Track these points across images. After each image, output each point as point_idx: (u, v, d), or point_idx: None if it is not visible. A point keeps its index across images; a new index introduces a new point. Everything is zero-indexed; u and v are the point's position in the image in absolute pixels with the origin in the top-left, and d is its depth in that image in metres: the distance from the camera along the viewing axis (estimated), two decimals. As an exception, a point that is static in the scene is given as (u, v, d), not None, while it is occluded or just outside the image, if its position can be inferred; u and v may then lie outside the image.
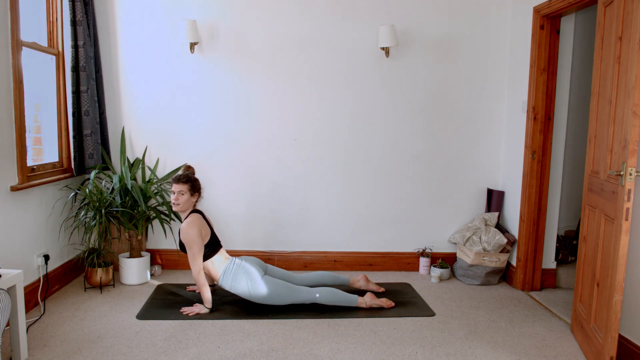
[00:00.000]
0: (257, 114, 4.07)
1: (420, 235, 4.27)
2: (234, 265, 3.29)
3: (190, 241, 3.20)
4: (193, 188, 3.32)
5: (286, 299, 3.24)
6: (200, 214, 3.34)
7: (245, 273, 3.25)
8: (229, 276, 3.26)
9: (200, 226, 3.24)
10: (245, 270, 3.26)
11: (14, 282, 2.49)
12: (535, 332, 3.07)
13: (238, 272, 3.26)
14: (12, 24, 3.01)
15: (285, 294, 3.24)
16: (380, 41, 3.92)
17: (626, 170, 2.33)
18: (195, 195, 3.35)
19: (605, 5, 2.71)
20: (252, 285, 3.22)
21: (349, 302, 3.31)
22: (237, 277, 3.25)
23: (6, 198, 3.00)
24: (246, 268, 3.27)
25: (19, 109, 3.07)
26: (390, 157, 4.16)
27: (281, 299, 3.24)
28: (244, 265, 3.29)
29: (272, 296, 3.22)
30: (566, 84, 3.71)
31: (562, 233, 4.33)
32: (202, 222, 3.29)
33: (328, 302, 3.29)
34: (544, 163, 3.72)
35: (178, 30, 3.92)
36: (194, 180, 3.34)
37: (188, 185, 3.29)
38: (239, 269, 3.27)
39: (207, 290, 3.21)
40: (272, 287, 3.22)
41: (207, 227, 3.32)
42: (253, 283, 3.22)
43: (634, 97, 2.28)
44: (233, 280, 3.25)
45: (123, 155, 3.99)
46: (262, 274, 3.28)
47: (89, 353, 2.67)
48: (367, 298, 3.35)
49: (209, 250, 3.29)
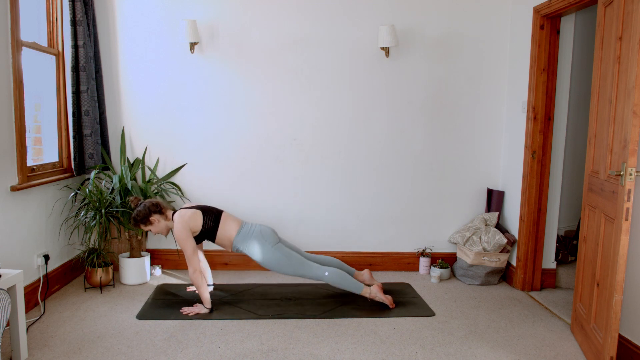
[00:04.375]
0: (257, 114, 4.07)
1: (420, 235, 4.27)
2: (249, 228, 3.33)
3: (180, 242, 3.19)
4: (147, 218, 3.26)
5: (295, 270, 3.28)
6: (181, 210, 3.30)
7: (260, 236, 3.29)
8: (242, 238, 3.29)
9: (187, 223, 3.21)
10: (260, 233, 3.30)
11: (14, 282, 2.49)
12: (535, 332, 3.07)
13: (252, 234, 3.29)
14: (12, 24, 3.01)
15: (296, 264, 3.28)
16: (380, 41, 3.92)
17: (626, 170, 2.33)
18: (161, 215, 3.29)
19: (605, 5, 2.71)
20: (265, 249, 3.25)
21: (354, 289, 3.33)
22: (251, 239, 3.28)
23: (6, 198, 3.00)
24: (261, 231, 3.31)
25: (19, 109, 3.07)
26: (390, 157, 4.16)
27: (291, 269, 3.27)
28: (259, 228, 3.33)
29: (283, 263, 3.26)
30: (566, 84, 3.71)
31: (562, 233, 4.34)
32: (188, 217, 3.24)
33: (334, 283, 3.31)
34: (544, 163, 3.72)
35: (178, 30, 3.92)
36: (143, 216, 3.26)
37: (145, 222, 3.27)
38: (253, 231, 3.30)
39: (205, 291, 3.21)
40: (284, 254, 3.27)
41: (194, 217, 3.26)
42: (266, 246, 3.25)
43: (634, 97, 2.28)
44: (246, 241, 3.27)
45: (123, 155, 3.99)
46: (276, 240, 3.33)
47: (89, 353, 2.67)
48: (373, 289, 3.37)
49: (211, 226, 3.28)
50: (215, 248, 4.16)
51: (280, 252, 3.28)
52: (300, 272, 3.29)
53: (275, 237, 3.36)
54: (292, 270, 3.29)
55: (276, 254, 3.27)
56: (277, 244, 3.32)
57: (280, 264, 3.27)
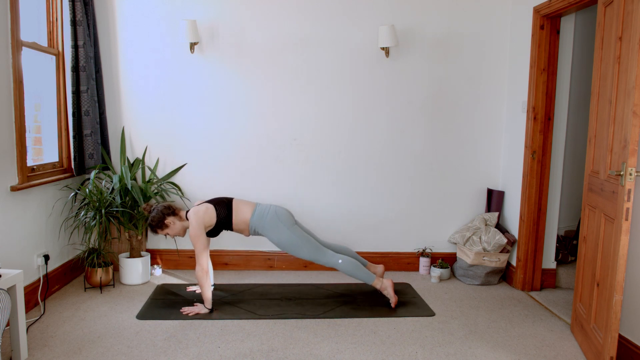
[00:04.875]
0: (257, 114, 4.07)
1: (420, 235, 4.27)
2: (263, 208, 3.33)
3: (193, 238, 3.20)
4: (163, 222, 3.28)
5: (310, 255, 3.29)
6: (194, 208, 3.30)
7: (275, 217, 3.29)
8: (257, 218, 3.29)
9: (202, 218, 3.22)
10: (276, 214, 3.30)
11: (14, 282, 2.49)
12: (535, 332, 3.07)
13: (268, 215, 3.29)
14: (12, 24, 3.01)
15: (311, 249, 3.29)
16: (380, 41, 3.92)
17: (626, 170, 2.33)
18: (175, 216, 3.31)
19: (605, 5, 2.71)
20: (281, 231, 3.26)
21: (366, 279, 3.34)
22: (267, 220, 3.28)
23: (6, 198, 3.00)
24: (276, 212, 3.32)
25: (19, 109, 3.07)
26: (390, 157, 4.16)
27: (306, 253, 3.28)
28: (274, 209, 3.34)
29: (298, 247, 3.27)
30: (566, 84, 3.71)
31: (562, 233, 4.34)
32: (202, 213, 3.24)
33: (347, 271, 3.32)
34: (544, 163, 3.72)
35: (178, 30, 3.92)
36: (158, 221, 3.28)
37: (161, 226, 3.28)
38: (268, 212, 3.31)
39: (208, 290, 3.21)
40: (299, 237, 3.27)
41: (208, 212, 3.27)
42: (282, 228, 3.26)
43: (634, 97, 2.28)
44: (262, 222, 3.28)
45: (123, 155, 3.99)
46: (292, 222, 3.33)
47: (89, 353, 2.67)
48: (386, 282, 3.38)
49: (225, 215, 3.29)
50: (216, 248, 4.16)
51: (296, 235, 3.28)
52: (315, 257, 3.30)
53: (291, 219, 3.36)
54: (307, 255, 3.29)
55: (292, 237, 3.27)
56: (294, 226, 3.32)
57: (296, 247, 3.27)
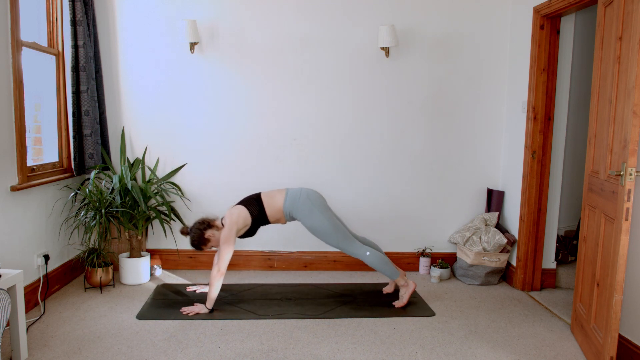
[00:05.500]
0: (257, 114, 4.07)
1: (420, 235, 4.27)
2: (295, 192, 3.33)
3: (223, 241, 3.19)
4: (203, 237, 3.28)
5: (339, 243, 3.29)
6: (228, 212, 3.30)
7: (308, 201, 3.29)
8: (291, 202, 3.29)
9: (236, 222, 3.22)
10: (308, 197, 3.30)
11: (14, 282, 2.49)
12: (535, 332, 3.07)
13: (300, 198, 3.29)
14: (12, 24, 3.01)
15: (340, 237, 3.29)
16: (380, 41, 3.92)
17: (626, 170, 2.33)
18: (212, 228, 3.30)
19: (605, 5, 2.71)
20: (314, 215, 3.26)
21: (391, 274, 3.36)
22: (300, 203, 3.28)
23: (6, 198, 3.00)
24: (308, 195, 3.32)
25: (19, 109, 3.07)
26: (390, 157, 4.16)
27: (335, 241, 3.29)
28: (305, 192, 3.34)
29: (328, 233, 3.27)
30: (566, 84, 3.71)
31: (562, 233, 4.33)
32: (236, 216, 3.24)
33: (373, 264, 3.33)
34: (544, 163, 3.72)
35: (178, 30, 3.92)
36: (198, 238, 3.29)
37: (204, 242, 3.29)
38: (300, 195, 3.31)
39: (216, 292, 3.19)
40: (331, 224, 3.28)
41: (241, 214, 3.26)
42: (315, 212, 3.27)
43: (634, 97, 2.28)
44: (296, 205, 3.28)
45: (123, 155, 3.99)
46: (325, 207, 3.33)
47: (89, 353, 2.67)
48: (411, 282, 3.39)
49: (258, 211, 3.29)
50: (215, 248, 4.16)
51: (328, 222, 3.27)
52: (343, 246, 3.30)
53: (324, 203, 3.36)
54: (335, 242, 3.29)
55: (324, 222, 3.27)
56: (327, 211, 3.32)
57: (326, 233, 3.27)
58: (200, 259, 4.17)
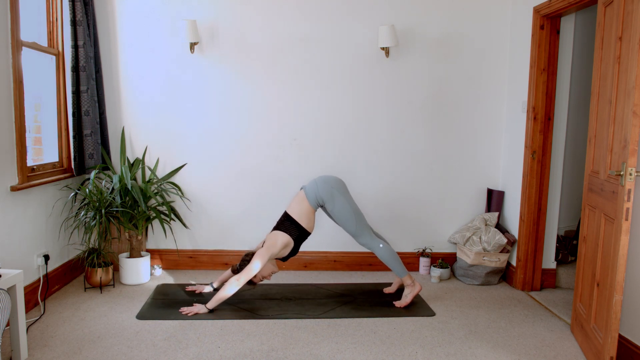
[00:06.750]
0: (257, 114, 4.07)
1: (420, 235, 4.27)
2: (310, 185, 3.35)
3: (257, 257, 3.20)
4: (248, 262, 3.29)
5: (356, 231, 3.32)
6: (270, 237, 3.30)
7: (326, 185, 3.30)
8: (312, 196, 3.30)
9: (274, 249, 3.24)
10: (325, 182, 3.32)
11: (14, 282, 2.49)
12: (535, 332, 3.07)
13: (318, 186, 3.31)
14: (12, 24, 3.01)
15: (359, 225, 3.32)
16: (380, 41, 3.92)
17: (626, 170, 2.33)
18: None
19: (605, 5, 2.71)
20: (336, 198, 3.29)
21: (399, 271, 3.38)
22: (320, 189, 3.30)
23: (6, 198, 3.00)
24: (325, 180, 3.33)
25: (19, 109, 3.07)
26: (390, 157, 4.16)
27: (352, 228, 3.31)
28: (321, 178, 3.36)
29: (349, 219, 3.29)
30: (566, 84, 3.71)
31: (562, 233, 4.33)
32: (280, 243, 3.25)
33: (384, 257, 3.35)
34: (544, 163, 3.72)
35: (178, 30, 3.92)
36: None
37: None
38: (317, 184, 3.33)
39: (226, 293, 3.17)
40: (354, 210, 3.31)
41: (281, 239, 3.27)
42: (336, 195, 3.29)
43: (634, 97, 2.28)
44: (318, 194, 3.29)
45: (123, 155, 3.99)
46: (345, 190, 3.36)
47: (89, 353, 2.67)
48: (417, 284, 3.40)
49: (296, 229, 3.30)
50: (216, 248, 4.16)
51: (350, 207, 3.30)
52: (359, 234, 3.32)
53: (343, 186, 3.38)
54: (353, 229, 3.31)
55: (346, 206, 3.29)
56: (347, 194, 3.34)
57: (347, 218, 3.29)
58: (200, 259, 4.17)
